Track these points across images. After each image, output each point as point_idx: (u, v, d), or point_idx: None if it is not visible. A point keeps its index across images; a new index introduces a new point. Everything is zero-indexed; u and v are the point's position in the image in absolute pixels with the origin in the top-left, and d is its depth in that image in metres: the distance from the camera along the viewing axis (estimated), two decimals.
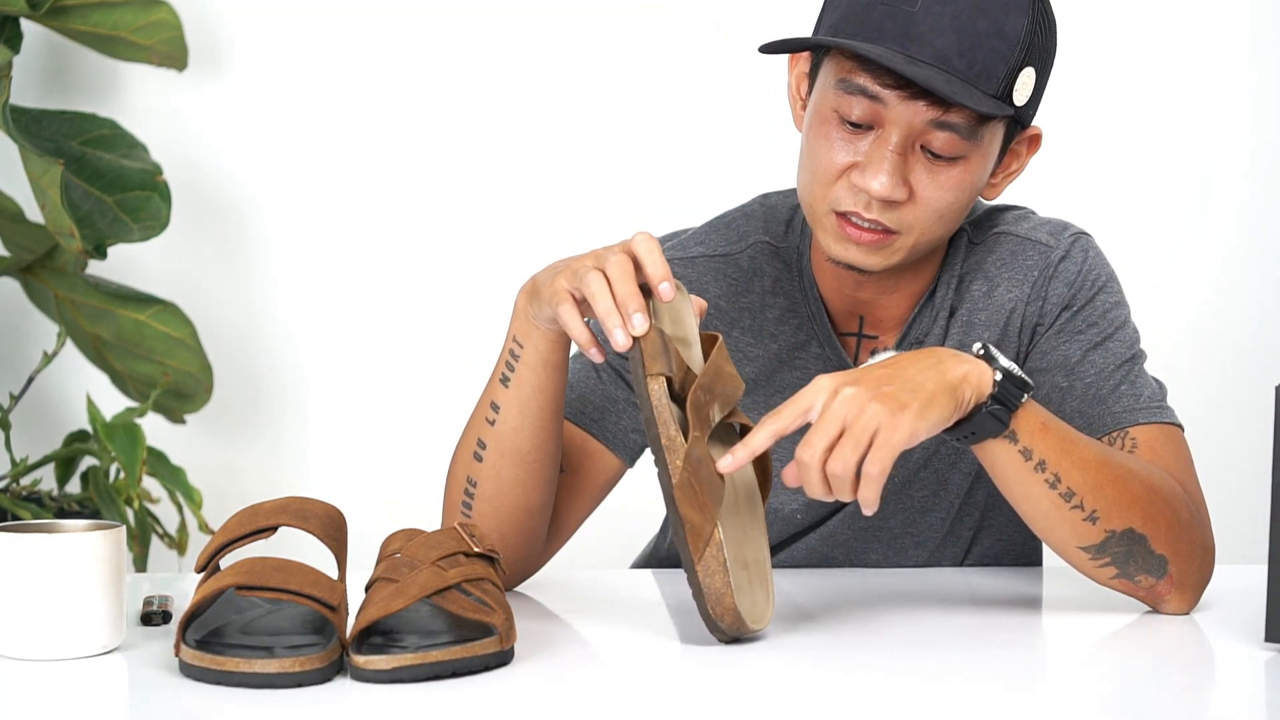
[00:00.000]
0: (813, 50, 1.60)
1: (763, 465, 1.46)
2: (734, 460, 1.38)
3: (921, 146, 1.54)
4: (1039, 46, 1.54)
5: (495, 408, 1.55)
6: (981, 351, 1.44)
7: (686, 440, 1.39)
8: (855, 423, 1.37)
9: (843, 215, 1.57)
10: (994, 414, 1.43)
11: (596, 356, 1.47)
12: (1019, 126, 1.59)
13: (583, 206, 2.85)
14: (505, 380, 1.54)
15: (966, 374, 1.42)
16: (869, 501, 1.37)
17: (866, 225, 1.56)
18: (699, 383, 1.41)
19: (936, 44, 1.50)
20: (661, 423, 1.40)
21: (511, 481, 1.56)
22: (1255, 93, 2.93)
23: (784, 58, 1.67)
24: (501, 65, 2.85)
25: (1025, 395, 1.44)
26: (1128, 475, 1.50)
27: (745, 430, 1.46)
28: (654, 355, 1.41)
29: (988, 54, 1.50)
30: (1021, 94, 1.53)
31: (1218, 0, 2.93)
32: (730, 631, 1.39)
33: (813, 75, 1.61)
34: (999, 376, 1.43)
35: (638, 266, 1.43)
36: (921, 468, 1.71)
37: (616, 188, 2.86)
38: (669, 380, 1.41)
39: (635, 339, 1.41)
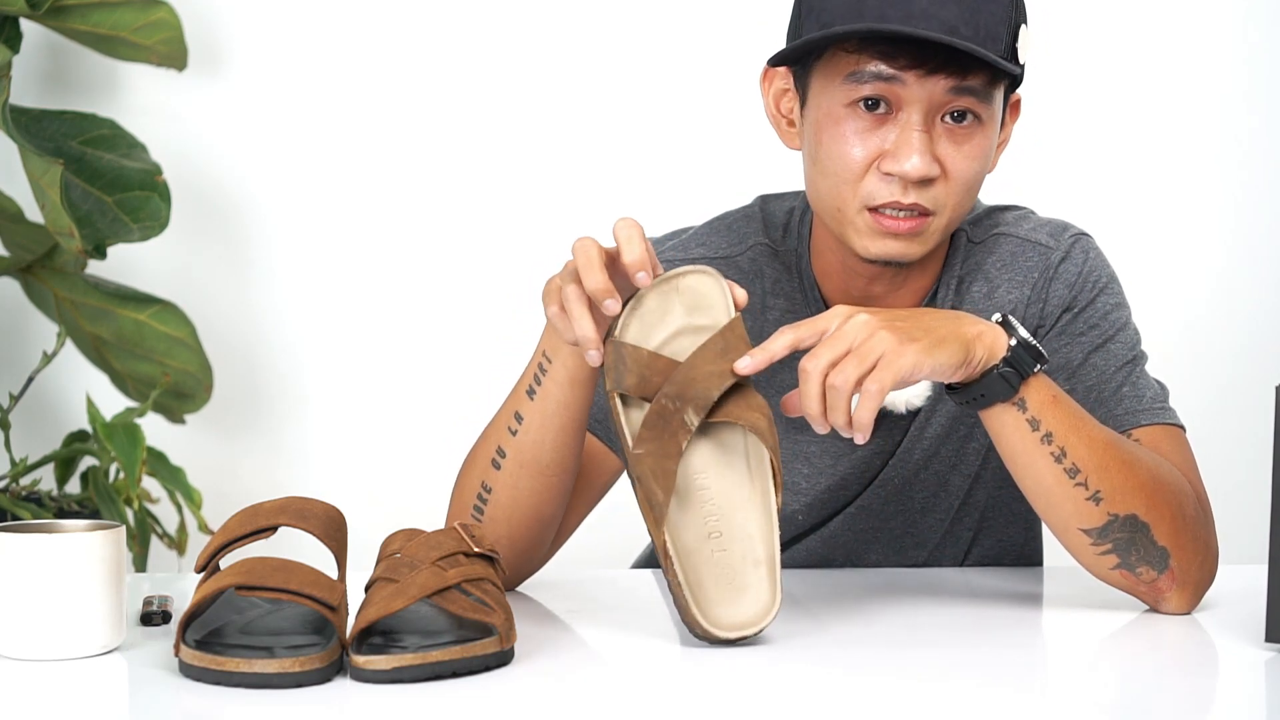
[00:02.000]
0: (799, 59, 1.58)
1: (772, 463, 1.45)
2: (752, 362, 1.41)
3: (942, 119, 1.54)
4: (1022, 4, 1.56)
5: (519, 418, 1.54)
6: (1000, 320, 1.47)
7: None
8: (863, 345, 1.41)
9: (876, 210, 1.56)
10: (1004, 376, 1.45)
11: (595, 360, 1.47)
12: (1012, 90, 1.61)
13: (583, 206, 2.85)
14: (531, 393, 1.53)
15: (982, 333, 1.45)
16: (862, 424, 1.40)
17: (903, 214, 1.56)
18: (664, 390, 1.39)
19: (942, 16, 1.50)
20: (621, 437, 1.40)
21: (528, 492, 1.56)
22: (1254, 92, 2.93)
23: (745, 89, 1.67)
24: (502, 65, 2.85)
25: (1039, 366, 1.46)
26: (1135, 461, 1.50)
27: (758, 434, 1.45)
28: (607, 370, 1.41)
29: (988, 17, 1.51)
30: (1024, 51, 1.55)
31: (1217, 0, 2.94)
32: (706, 639, 1.39)
33: (800, 85, 1.60)
34: (1014, 343, 1.45)
35: (617, 254, 1.42)
36: (922, 469, 1.71)
37: (617, 187, 2.86)
38: (625, 394, 1.40)
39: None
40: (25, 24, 2.59)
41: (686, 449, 1.40)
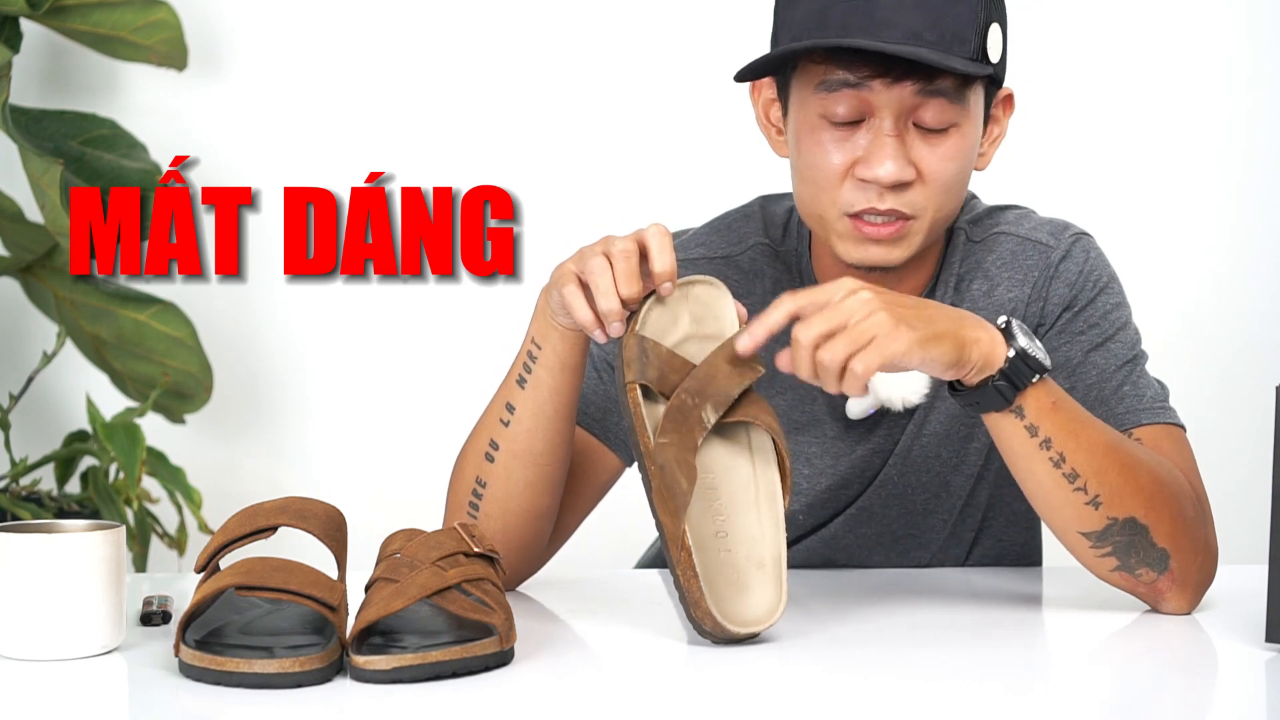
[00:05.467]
0: (779, 68, 1.60)
1: (782, 464, 1.46)
2: (751, 339, 1.42)
3: (914, 124, 1.55)
4: (995, 2, 1.56)
5: (510, 409, 1.55)
6: (1003, 325, 1.46)
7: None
8: (858, 323, 1.39)
9: (856, 216, 1.57)
10: (998, 389, 1.45)
11: (600, 337, 1.47)
12: (995, 87, 1.60)
13: (583, 207, 2.85)
14: (522, 382, 1.54)
15: (980, 339, 1.44)
16: (850, 395, 1.42)
17: (881, 220, 1.56)
18: (684, 385, 1.41)
19: (905, 24, 1.51)
20: (639, 429, 1.40)
21: (522, 483, 1.56)
22: (1254, 91, 2.93)
23: (746, 90, 1.67)
24: (502, 66, 2.85)
25: (1037, 376, 1.45)
26: (1135, 464, 1.50)
27: (773, 433, 1.45)
28: (630, 363, 1.42)
29: (954, 20, 1.51)
30: (994, 50, 1.55)
31: (1217, 0, 2.94)
32: (715, 634, 1.39)
33: (783, 95, 1.61)
34: (1011, 354, 1.44)
35: (646, 257, 1.44)
36: (923, 470, 1.71)
37: (618, 189, 2.85)
38: (648, 386, 1.41)
39: (620, 344, 1.42)
40: (25, 24, 2.59)
41: (699, 447, 1.41)
